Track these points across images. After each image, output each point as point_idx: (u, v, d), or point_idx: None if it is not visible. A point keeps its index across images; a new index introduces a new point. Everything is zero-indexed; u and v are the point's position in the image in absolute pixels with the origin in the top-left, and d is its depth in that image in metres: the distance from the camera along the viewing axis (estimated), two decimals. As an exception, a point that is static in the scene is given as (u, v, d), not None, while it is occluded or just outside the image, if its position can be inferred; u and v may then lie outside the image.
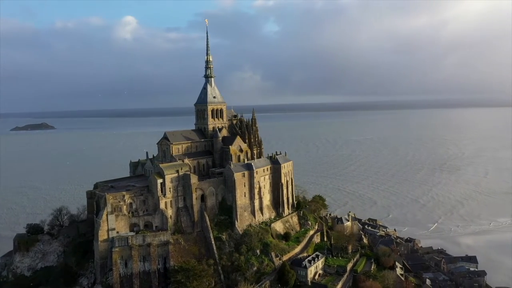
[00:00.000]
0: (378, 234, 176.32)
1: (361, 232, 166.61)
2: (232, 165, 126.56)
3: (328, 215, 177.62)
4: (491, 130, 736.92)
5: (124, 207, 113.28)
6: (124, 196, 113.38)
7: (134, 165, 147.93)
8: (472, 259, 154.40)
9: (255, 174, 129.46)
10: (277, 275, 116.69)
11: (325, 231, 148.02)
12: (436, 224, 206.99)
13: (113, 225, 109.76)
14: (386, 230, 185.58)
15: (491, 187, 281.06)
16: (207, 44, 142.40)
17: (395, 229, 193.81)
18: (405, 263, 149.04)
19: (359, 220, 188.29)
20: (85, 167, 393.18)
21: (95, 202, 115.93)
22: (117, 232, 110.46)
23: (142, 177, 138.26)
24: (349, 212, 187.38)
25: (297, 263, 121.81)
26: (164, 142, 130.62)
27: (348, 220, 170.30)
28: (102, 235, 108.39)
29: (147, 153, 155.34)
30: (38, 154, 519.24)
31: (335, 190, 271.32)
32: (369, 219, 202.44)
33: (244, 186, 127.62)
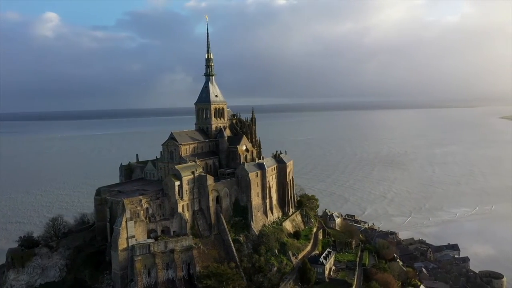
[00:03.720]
0: (362, 228, 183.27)
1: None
2: (245, 165, 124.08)
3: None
4: (416, 130, 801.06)
5: (141, 212, 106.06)
6: (141, 200, 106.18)
7: (126, 169, 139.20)
8: (455, 247, 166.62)
9: (267, 174, 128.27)
10: (298, 274, 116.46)
11: (325, 228, 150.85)
12: (409, 218, 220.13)
13: (132, 232, 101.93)
14: (368, 225, 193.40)
15: (442, 181, 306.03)
16: (207, 41, 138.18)
17: (373, 223, 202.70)
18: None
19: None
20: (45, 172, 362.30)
21: (108, 208, 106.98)
22: (136, 240, 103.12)
23: (142, 180, 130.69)
24: (325, 209, 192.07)
25: (314, 260, 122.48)
26: (172, 142, 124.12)
27: (338, 217, 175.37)
28: (122, 243, 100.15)
29: (137, 155, 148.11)
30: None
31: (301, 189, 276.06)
32: (347, 215, 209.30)
33: (258, 186, 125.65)
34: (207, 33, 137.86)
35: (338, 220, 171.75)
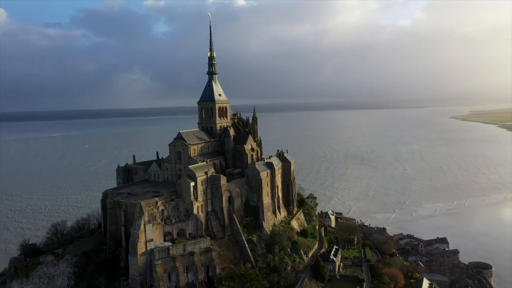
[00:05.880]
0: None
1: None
2: (256, 165, 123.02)
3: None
4: (375, 129, 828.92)
5: (158, 214, 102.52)
6: (157, 202, 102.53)
7: (124, 170, 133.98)
8: (444, 240, 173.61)
9: (275, 173, 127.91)
10: (312, 272, 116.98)
11: (326, 225, 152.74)
12: (394, 214, 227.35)
13: (150, 235, 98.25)
14: (358, 222, 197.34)
15: (414, 177, 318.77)
16: (210, 40, 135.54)
17: (361, 220, 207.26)
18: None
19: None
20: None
21: (123, 211, 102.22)
22: (153, 243, 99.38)
23: (146, 182, 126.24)
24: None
25: (324, 258, 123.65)
26: (180, 142, 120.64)
27: (333, 215, 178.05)
28: (141, 247, 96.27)
29: (134, 156, 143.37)
30: None
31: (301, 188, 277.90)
32: (336, 213, 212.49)
33: (267, 185, 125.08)
34: (210, 31, 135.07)
35: (332, 218, 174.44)
